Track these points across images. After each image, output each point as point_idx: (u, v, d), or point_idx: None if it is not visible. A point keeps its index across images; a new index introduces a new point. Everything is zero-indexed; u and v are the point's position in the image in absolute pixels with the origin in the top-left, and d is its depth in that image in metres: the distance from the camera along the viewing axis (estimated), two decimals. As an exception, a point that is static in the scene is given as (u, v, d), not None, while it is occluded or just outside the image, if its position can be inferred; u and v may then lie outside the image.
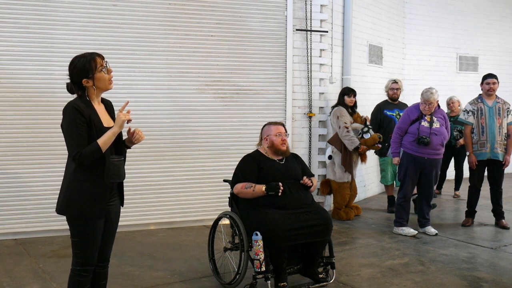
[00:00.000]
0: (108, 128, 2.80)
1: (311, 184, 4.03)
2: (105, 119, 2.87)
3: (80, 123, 2.70)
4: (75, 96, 2.85)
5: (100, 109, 2.88)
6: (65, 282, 2.92)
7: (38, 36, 5.38)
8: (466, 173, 6.90)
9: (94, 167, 2.75)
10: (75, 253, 2.84)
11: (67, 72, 2.84)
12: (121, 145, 2.93)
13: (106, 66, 2.83)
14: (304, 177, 4.03)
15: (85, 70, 2.76)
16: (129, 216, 5.69)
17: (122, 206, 3.05)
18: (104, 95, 2.98)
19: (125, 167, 2.99)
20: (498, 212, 6.07)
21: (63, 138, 2.78)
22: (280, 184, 3.84)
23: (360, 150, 6.25)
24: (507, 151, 5.90)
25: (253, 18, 6.23)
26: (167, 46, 5.86)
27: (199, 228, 5.89)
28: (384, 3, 8.27)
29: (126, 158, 3.05)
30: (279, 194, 3.82)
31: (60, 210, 2.80)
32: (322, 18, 6.62)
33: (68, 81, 2.84)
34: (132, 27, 5.71)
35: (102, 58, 2.84)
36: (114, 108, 3.03)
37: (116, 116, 2.83)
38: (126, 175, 2.99)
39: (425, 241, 5.40)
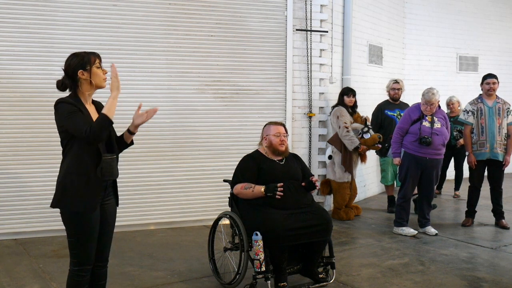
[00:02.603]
0: None
1: (318, 185, 4.02)
2: (95, 118, 2.86)
3: (74, 110, 2.72)
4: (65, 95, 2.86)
5: (90, 109, 2.88)
6: (65, 282, 2.91)
7: (38, 36, 5.38)
8: (466, 173, 6.90)
9: (88, 162, 2.75)
10: (72, 254, 2.84)
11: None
12: (113, 144, 2.93)
13: (101, 67, 2.86)
14: (312, 177, 4.03)
15: (83, 62, 2.80)
16: (129, 216, 5.69)
17: (117, 206, 3.06)
18: (104, 95, 2.97)
19: (126, 167, 3.00)
20: (498, 212, 6.07)
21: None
22: (279, 185, 3.82)
23: (360, 150, 6.25)
24: (507, 151, 5.90)
25: (253, 18, 6.22)
26: (167, 46, 5.86)
27: (199, 228, 5.89)
28: (384, 3, 8.27)
29: (127, 158, 3.05)
30: (277, 197, 3.81)
31: (53, 203, 2.81)
32: (322, 18, 6.62)
33: (59, 78, 2.85)
34: (132, 27, 5.71)
35: (99, 59, 2.87)
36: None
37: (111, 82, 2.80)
38: (127, 175, 3.00)
39: (425, 241, 5.40)
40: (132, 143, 3.10)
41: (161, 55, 5.84)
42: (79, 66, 2.79)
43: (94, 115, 2.87)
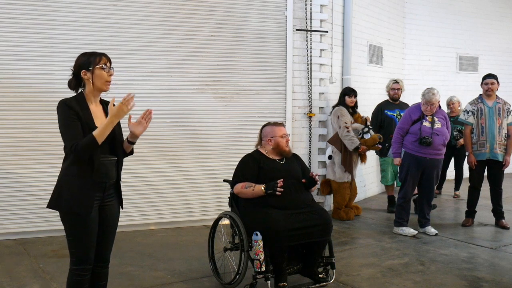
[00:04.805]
0: None
1: (318, 180, 4.03)
2: (100, 119, 2.84)
3: (72, 117, 2.71)
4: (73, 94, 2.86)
5: (97, 110, 2.87)
6: (65, 282, 2.91)
7: (38, 36, 5.38)
8: (466, 173, 6.90)
9: (86, 164, 2.74)
10: (71, 252, 2.84)
11: (68, 71, 2.84)
12: (116, 146, 2.90)
13: (110, 68, 2.84)
14: (312, 173, 4.03)
15: (88, 62, 2.80)
16: (129, 216, 5.69)
17: (122, 208, 3.05)
18: (105, 96, 2.97)
19: (126, 167, 2.98)
20: (498, 212, 6.07)
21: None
22: (279, 181, 3.80)
23: (360, 150, 6.25)
24: (507, 152, 5.90)
25: (253, 18, 6.22)
26: (167, 46, 5.86)
27: (199, 228, 5.89)
28: (384, 3, 8.27)
29: (127, 158, 3.04)
30: (277, 193, 3.81)
31: (49, 204, 2.81)
32: (322, 18, 6.62)
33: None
34: (132, 27, 5.70)
35: (108, 59, 2.87)
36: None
37: (115, 107, 2.74)
38: (127, 175, 2.99)
39: (425, 241, 5.40)
40: (131, 152, 3.04)
41: (161, 55, 5.83)
42: (83, 66, 2.80)
43: (100, 115, 2.87)
